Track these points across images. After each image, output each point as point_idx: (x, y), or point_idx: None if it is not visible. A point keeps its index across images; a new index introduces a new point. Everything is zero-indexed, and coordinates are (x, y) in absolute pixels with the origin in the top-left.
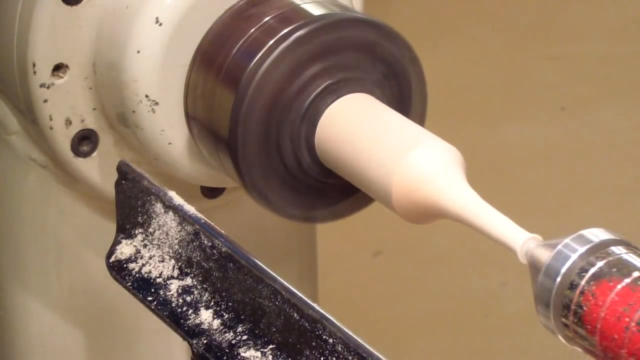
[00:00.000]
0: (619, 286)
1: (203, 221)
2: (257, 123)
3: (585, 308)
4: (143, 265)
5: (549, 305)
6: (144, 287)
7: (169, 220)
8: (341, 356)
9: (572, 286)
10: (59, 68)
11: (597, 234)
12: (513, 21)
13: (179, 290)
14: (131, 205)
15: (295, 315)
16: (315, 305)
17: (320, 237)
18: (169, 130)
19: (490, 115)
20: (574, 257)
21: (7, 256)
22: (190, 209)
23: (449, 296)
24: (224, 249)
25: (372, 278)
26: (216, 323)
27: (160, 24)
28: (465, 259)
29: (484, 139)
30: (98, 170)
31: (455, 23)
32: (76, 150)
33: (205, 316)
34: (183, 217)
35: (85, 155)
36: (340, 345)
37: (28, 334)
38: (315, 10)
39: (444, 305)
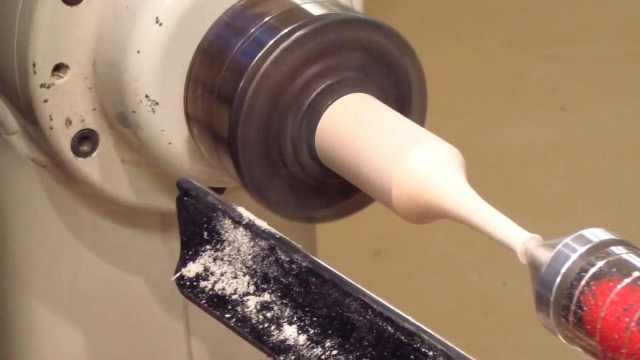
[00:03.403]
0: (619, 286)
1: (278, 236)
2: (257, 123)
3: (585, 308)
4: (215, 282)
5: (549, 305)
6: (219, 305)
7: (240, 236)
8: None
9: (572, 286)
10: (59, 68)
11: (597, 234)
12: (513, 21)
13: (258, 307)
14: (196, 222)
15: (390, 328)
16: (410, 317)
17: (320, 237)
18: (169, 130)
19: (490, 115)
20: (574, 257)
21: (7, 256)
22: (262, 224)
23: (449, 296)
24: (303, 264)
25: (372, 278)
26: (302, 338)
27: (160, 24)
28: (465, 259)
29: (484, 139)
30: (98, 170)
31: (455, 23)
32: (76, 150)
33: (290, 332)
34: (255, 233)
35: (85, 155)
36: (441, 357)
37: (28, 334)
38: (316, 10)
39: (444, 305)
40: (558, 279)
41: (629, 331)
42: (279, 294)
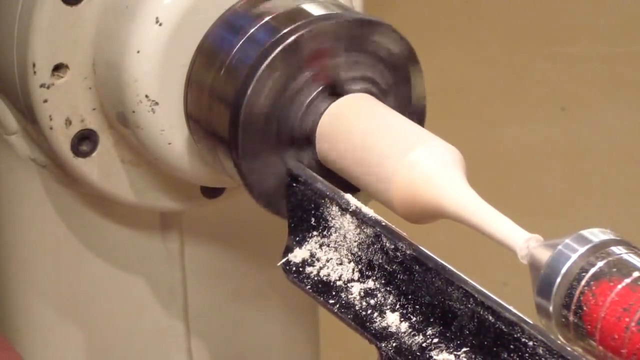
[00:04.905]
0: (619, 286)
1: (384, 224)
2: (257, 123)
3: (585, 308)
4: (321, 268)
5: (549, 305)
6: (324, 290)
7: (346, 223)
8: (542, 359)
9: (572, 286)
10: (59, 68)
11: (597, 234)
12: (513, 21)
13: (362, 293)
14: (304, 208)
15: (490, 317)
16: (511, 307)
17: None
18: (169, 130)
19: (490, 115)
20: (574, 257)
21: (7, 256)
22: (368, 211)
23: None
24: (408, 252)
25: None
26: (404, 326)
27: (160, 24)
28: (465, 259)
29: (484, 139)
30: (98, 171)
31: (455, 23)
32: (76, 150)
33: (392, 319)
34: (362, 220)
35: (85, 155)
36: (541, 348)
37: (28, 334)
38: (315, 11)
39: None
40: (558, 279)
41: (629, 331)
42: (382, 281)
